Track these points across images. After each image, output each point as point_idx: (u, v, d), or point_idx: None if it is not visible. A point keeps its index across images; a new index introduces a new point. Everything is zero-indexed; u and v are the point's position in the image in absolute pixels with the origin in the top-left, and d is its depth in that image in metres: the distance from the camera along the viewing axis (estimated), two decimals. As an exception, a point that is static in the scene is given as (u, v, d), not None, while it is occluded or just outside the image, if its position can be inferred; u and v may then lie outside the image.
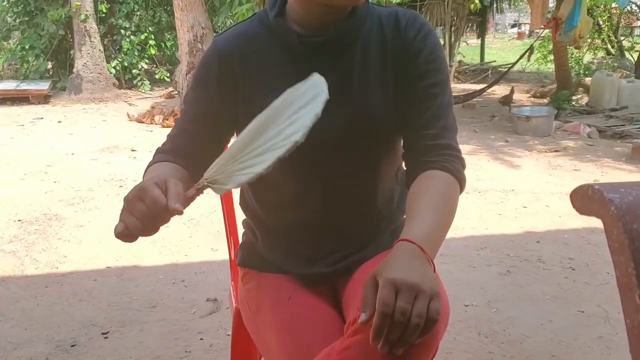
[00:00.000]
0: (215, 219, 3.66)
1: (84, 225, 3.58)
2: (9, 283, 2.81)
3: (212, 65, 1.16)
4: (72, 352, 2.21)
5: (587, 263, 3.04)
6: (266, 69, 1.14)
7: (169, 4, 10.64)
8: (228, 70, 1.15)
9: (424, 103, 1.12)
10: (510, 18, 24.06)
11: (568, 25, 6.67)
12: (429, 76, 1.12)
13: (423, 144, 1.12)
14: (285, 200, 1.21)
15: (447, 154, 1.11)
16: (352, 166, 1.17)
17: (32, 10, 10.15)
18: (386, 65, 1.14)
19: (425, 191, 1.06)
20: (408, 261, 0.88)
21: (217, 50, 1.16)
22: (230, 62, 1.15)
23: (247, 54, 1.15)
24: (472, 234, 3.49)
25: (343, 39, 1.13)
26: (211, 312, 2.51)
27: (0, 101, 8.73)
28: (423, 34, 1.13)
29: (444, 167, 1.09)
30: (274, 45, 1.15)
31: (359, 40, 1.14)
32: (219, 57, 1.16)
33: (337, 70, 1.12)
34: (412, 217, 1.01)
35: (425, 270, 0.88)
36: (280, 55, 1.14)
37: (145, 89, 10.21)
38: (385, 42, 1.14)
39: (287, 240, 1.24)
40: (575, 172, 4.96)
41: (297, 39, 1.12)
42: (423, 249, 0.91)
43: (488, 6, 11.88)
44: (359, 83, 1.13)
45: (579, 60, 10.14)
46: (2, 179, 4.63)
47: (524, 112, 6.79)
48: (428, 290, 0.84)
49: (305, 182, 1.18)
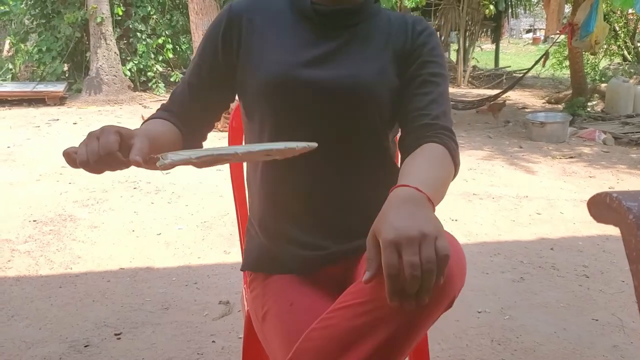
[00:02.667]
0: (228, 222, 3.67)
1: (98, 226, 3.61)
2: (24, 283, 2.84)
3: (222, 22, 1.23)
4: (85, 352, 2.23)
5: (602, 271, 3.01)
6: (271, 27, 1.22)
7: (184, 7, 10.71)
8: (236, 27, 1.22)
9: (426, 88, 1.18)
10: (526, 23, 23.94)
11: (584, 31, 6.63)
12: (431, 67, 1.20)
13: (421, 122, 1.14)
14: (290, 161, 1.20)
15: (444, 134, 1.12)
16: (342, 130, 1.19)
17: (50, 13, 10.24)
18: (387, 49, 1.21)
19: (420, 154, 1.08)
20: (404, 208, 0.86)
21: (229, 9, 1.24)
22: (238, 20, 1.22)
23: (256, 14, 1.23)
24: (485, 240, 3.47)
25: (352, 15, 1.21)
26: (223, 315, 2.52)
27: (17, 102, 8.81)
28: (428, 32, 1.24)
29: (442, 142, 1.11)
30: (285, 10, 1.23)
31: (368, 22, 1.23)
32: (229, 14, 1.23)
33: (339, 39, 1.20)
34: (407, 172, 1.01)
35: (424, 212, 0.85)
36: (289, 19, 1.22)
37: (160, 91, 10.25)
38: (391, 33, 1.23)
39: (290, 217, 1.23)
40: (590, 179, 4.92)
41: (310, 5, 1.20)
42: (419, 189, 0.90)
43: (503, 11, 11.82)
44: (357, 55, 1.19)
45: (594, 66, 10.06)
46: (17, 179, 4.68)
47: (538, 118, 6.75)
48: (431, 233, 0.81)
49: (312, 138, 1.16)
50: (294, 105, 1.17)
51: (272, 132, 1.19)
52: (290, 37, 1.20)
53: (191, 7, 7.77)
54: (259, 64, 1.18)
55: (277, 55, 1.18)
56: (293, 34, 1.20)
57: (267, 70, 1.17)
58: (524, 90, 10.64)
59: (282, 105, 1.17)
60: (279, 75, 1.16)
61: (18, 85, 9.53)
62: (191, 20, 7.87)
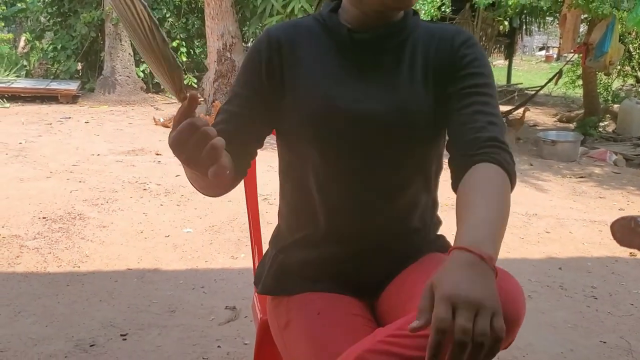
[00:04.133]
0: (236, 227, 3.67)
1: (107, 226, 3.62)
2: (32, 279, 2.85)
3: (262, 50, 1.18)
4: (91, 352, 2.23)
5: (611, 293, 2.99)
6: (313, 57, 1.18)
7: (200, 11, 10.77)
8: (276, 56, 1.18)
9: (469, 100, 1.12)
10: (539, 41, 23.91)
11: (599, 51, 6.61)
12: (475, 78, 1.14)
13: (468, 138, 1.08)
14: (323, 201, 1.20)
15: (493, 146, 1.06)
16: (390, 161, 1.17)
17: (66, 12, 10.31)
18: (428, 69, 1.17)
19: (475, 186, 1.01)
20: (467, 274, 0.81)
21: (268, 37, 1.19)
22: (278, 49, 1.18)
23: (295, 42, 1.18)
24: (493, 257, 3.46)
25: (391, 38, 1.17)
26: (229, 320, 2.52)
27: (30, 99, 8.87)
28: (469, 43, 1.18)
29: (492, 159, 1.04)
30: (323, 38, 1.19)
31: (406, 43, 1.18)
32: (268, 42, 1.18)
33: (382, 67, 1.17)
34: (466, 218, 0.94)
35: (487, 283, 0.81)
36: (328, 47, 1.18)
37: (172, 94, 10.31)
38: (431, 50, 1.18)
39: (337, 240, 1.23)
40: (600, 199, 4.90)
41: (347, 33, 1.16)
42: (483, 256, 0.83)
43: (517, 28, 11.83)
44: (401, 80, 1.16)
45: (607, 87, 10.02)
46: (28, 175, 4.70)
47: (549, 136, 6.73)
48: (490, 307, 0.78)
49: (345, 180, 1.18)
50: (339, 138, 1.15)
51: (316, 164, 1.17)
52: (331, 67, 1.17)
53: (207, 12, 7.82)
54: (299, 97, 1.15)
55: (319, 88, 1.15)
56: (335, 65, 1.17)
57: (309, 105, 1.15)
58: (535, 107, 10.61)
59: (326, 139, 1.15)
60: (322, 110, 1.14)
61: (32, 82, 9.60)
62: (207, 25, 7.91)
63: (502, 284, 0.87)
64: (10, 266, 2.98)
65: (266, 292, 1.32)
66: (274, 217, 1.40)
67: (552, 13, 9.94)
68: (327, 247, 1.22)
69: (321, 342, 1.06)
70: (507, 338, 0.88)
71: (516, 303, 0.88)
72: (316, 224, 1.22)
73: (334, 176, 1.18)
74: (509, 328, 0.84)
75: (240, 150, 1.16)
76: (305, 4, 6.69)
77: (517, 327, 0.88)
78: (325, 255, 1.23)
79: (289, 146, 1.23)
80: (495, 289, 0.82)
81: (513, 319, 0.86)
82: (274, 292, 1.30)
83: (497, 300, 0.80)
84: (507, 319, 0.83)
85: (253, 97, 1.18)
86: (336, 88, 1.15)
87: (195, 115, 0.85)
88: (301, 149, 1.19)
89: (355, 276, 1.23)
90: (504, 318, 0.81)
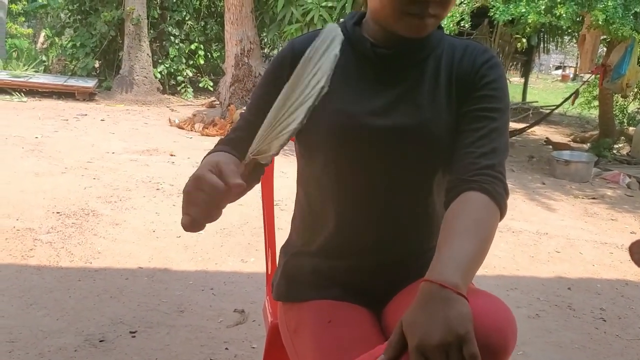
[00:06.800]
0: (247, 231, 3.69)
1: (119, 223, 3.65)
2: (44, 273, 2.87)
3: (285, 62, 1.19)
4: (100, 347, 2.25)
5: (620, 316, 2.98)
6: (335, 70, 1.17)
7: (219, 15, 10.85)
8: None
9: (477, 124, 1.11)
10: (556, 60, 23.87)
11: (616, 73, 6.61)
12: (488, 101, 1.13)
13: (465, 162, 1.08)
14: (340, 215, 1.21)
15: (488, 174, 1.05)
16: (407, 177, 1.17)
17: (87, 10, 10.43)
18: (451, 86, 1.16)
19: (458, 215, 1.01)
20: (429, 309, 0.86)
21: (292, 48, 1.20)
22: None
23: None
24: (502, 274, 3.46)
25: (414, 55, 1.17)
26: (238, 323, 2.53)
27: (47, 94, 8.96)
28: (491, 63, 1.16)
29: (483, 189, 1.03)
30: (346, 51, 1.16)
31: (430, 59, 1.17)
32: (292, 54, 1.18)
33: (404, 83, 1.16)
34: (441, 248, 0.96)
35: (448, 312, 0.84)
36: (351, 60, 1.18)
37: (188, 96, 10.37)
38: (454, 66, 1.17)
39: (356, 248, 1.23)
40: (612, 221, 4.88)
41: (370, 47, 1.15)
42: (444, 285, 0.87)
43: (535, 46, 11.81)
44: (423, 97, 1.15)
45: (623, 109, 9.99)
46: (43, 170, 4.74)
47: (563, 156, 6.71)
48: (455, 339, 0.82)
49: (361, 194, 1.19)
50: (356, 152, 1.15)
51: (332, 176, 1.18)
52: (355, 83, 1.17)
53: (227, 17, 7.88)
54: (322, 111, 1.13)
55: (342, 104, 1.15)
56: (356, 79, 1.17)
57: (331, 120, 1.14)
58: (549, 126, 10.59)
59: (343, 152, 1.16)
60: (344, 125, 1.14)
61: (50, 77, 9.70)
62: (226, 29, 7.98)
63: (488, 313, 0.89)
64: (23, 259, 3.01)
65: (278, 298, 1.33)
66: (284, 223, 1.41)
67: (571, 33, 9.94)
68: (339, 258, 1.23)
69: (331, 350, 1.07)
70: None
71: (502, 332, 0.89)
72: (329, 235, 1.23)
73: (350, 189, 1.19)
74: (496, 357, 0.88)
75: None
76: (324, 13, 6.73)
77: (505, 355, 0.90)
78: (337, 265, 1.24)
79: (307, 157, 1.24)
80: (461, 312, 0.85)
81: (499, 348, 0.88)
82: (285, 298, 1.31)
83: (461, 326, 0.83)
84: (493, 348, 0.87)
85: (270, 108, 1.20)
86: (356, 102, 1.15)
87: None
88: (318, 160, 1.19)
89: (365, 287, 1.23)
90: (489, 348, 0.86)
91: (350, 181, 1.18)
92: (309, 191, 1.26)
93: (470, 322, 0.84)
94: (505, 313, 0.92)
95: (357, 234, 1.21)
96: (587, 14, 6.05)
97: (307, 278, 1.26)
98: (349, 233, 1.21)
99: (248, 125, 1.20)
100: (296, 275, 1.29)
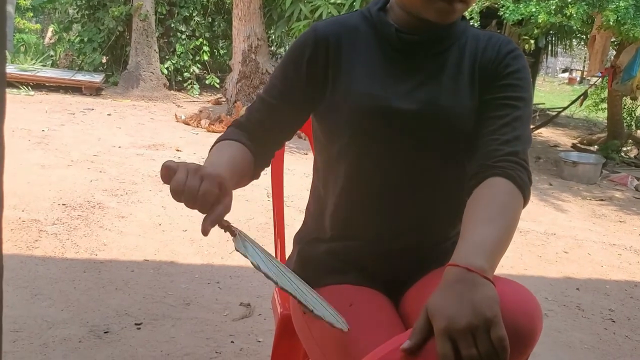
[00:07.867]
0: (252, 227, 3.67)
1: (125, 216, 3.63)
2: (49, 264, 2.86)
3: (308, 46, 1.18)
4: (105, 338, 2.23)
5: (629, 317, 2.95)
6: (358, 56, 1.17)
7: (227, 12, 10.83)
8: (322, 53, 1.17)
9: (501, 111, 1.11)
10: (562, 63, 23.78)
11: (626, 75, 6.56)
12: (512, 90, 1.13)
13: (489, 148, 1.08)
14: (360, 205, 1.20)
15: (512, 161, 1.05)
16: (427, 164, 1.16)
17: (95, 5, 10.42)
18: (474, 75, 1.15)
19: (483, 201, 1.02)
20: (455, 292, 0.86)
21: (314, 32, 1.18)
22: (325, 46, 1.17)
23: (342, 39, 1.17)
24: (510, 273, 3.42)
25: (438, 43, 1.16)
26: (243, 317, 2.51)
27: (54, 88, 8.96)
28: (515, 54, 1.16)
29: (507, 175, 1.03)
30: (370, 36, 1.18)
31: (454, 47, 1.17)
32: (315, 38, 1.17)
33: (427, 69, 1.15)
34: (465, 233, 0.97)
35: (475, 296, 0.84)
36: (375, 46, 1.17)
37: (194, 92, 10.35)
38: (477, 55, 1.16)
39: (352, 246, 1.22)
40: (620, 223, 4.84)
41: (395, 33, 1.14)
42: (470, 268, 0.87)
43: (543, 48, 11.76)
44: (446, 84, 1.14)
45: (631, 112, 9.94)
46: (50, 162, 4.73)
47: (571, 157, 6.67)
48: (482, 323, 0.82)
49: (381, 180, 1.17)
50: (377, 136, 1.15)
51: (352, 160, 1.17)
52: (379, 67, 1.16)
53: (235, 13, 7.85)
54: (346, 95, 1.14)
55: (366, 86, 1.14)
56: (381, 63, 1.16)
57: (355, 102, 1.14)
58: (556, 128, 10.55)
59: (364, 137, 1.15)
60: (368, 109, 1.13)
61: (57, 72, 9.70)
62: (234, 25, 7.95)
63: (515, 298, 0.89)
64: (28, 249, 3.00)
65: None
66: (290, 219, 1.40)
67: (579, 35, 9.89)
68: (355, 243, 1.22)
69: (353, 335, 1.05)
70: (525, 350, 0.88)
71: (530, 316, 0.88)
72: (345, 219, 1.21)
73: (369, 175, 1.17)
74: (525, 342, 0.86)
75: (267, 138, 1.20)
76: (333, 10, 6.69)
77: (533, 340, 0.89)
78: (353, 250, 1.22)
79: (326, 140, 1.22)
80: (488, 296, 0.84)
81: (528, 332, 0.87)
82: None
83: (489, 309, 0.82)
84: (521, 332, 0.85)
85: (289, 92, 1.19)
86: (380, 85, 1.14)
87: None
88: (340, 142, 1.18)
89: (384, 273, 1.22)
90: (518, 333, 0.85)
91: (369, 165, 1.16)
92: (325, 175, 1.24)
93: (497, 305, 0.83)
94: (532, 298, 0.92)
95: (374, 218, 1.19)
96: (598, 15, 6.00)
97: (324, 263, 1.25)
98: (365, 218, 1.19)
99: (267, 107, 1.20)
100: (312, 261, 1.27)
